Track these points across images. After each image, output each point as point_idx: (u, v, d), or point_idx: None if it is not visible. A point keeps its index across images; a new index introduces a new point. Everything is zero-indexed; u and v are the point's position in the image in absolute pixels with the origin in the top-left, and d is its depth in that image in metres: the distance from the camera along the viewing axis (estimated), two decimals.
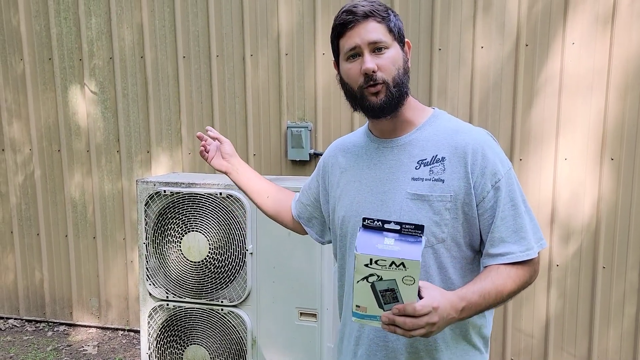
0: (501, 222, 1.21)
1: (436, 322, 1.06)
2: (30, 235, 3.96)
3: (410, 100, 1.32)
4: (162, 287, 2.77)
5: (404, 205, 1.25)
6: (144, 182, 2.76)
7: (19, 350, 3.64)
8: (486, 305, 1.16)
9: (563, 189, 3.01)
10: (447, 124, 1.32)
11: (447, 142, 1.26)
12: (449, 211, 1.22)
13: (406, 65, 1.29)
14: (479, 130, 1.29)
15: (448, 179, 1.23)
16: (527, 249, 1.21)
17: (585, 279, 3.04)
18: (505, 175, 1.22)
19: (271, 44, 3.36)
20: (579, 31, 2.90)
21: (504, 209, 1.21)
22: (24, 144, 3.88)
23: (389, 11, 1.27)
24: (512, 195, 1.22)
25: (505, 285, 1.18)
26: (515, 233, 1.21)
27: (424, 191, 1.24)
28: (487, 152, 1.23)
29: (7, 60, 3.82)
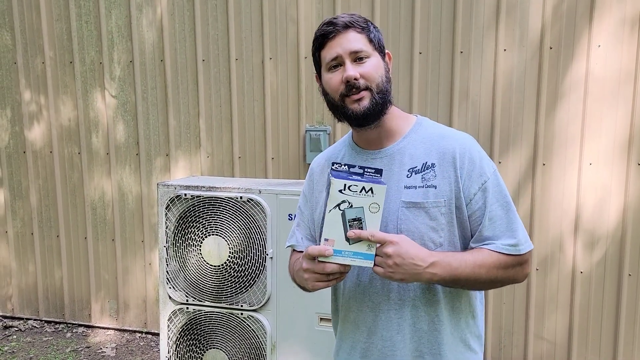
0: (489, 222, 1.24)
1: (393, 258, 1.13)
2: (50, 237, 4.00)
3: (394, 110, 1.34)
4: (182, 290, 2.77)
5: (400, 214, 1.26)
6: (164, 185, 2.76)
7: (39, 351, 3.67)
8: (461, 272, 1.19)
9: (588, 195, 2.95)
10: (432, 130, 1.33)
11: (434, 149, 1.28)
12: (444, 216, 1.25)
13: (388, 74, 1.31)
14: (463, 135, 1.32)
15: (440, 185, 1.25)
16: (517, 244, 1.24)
17: (610, 287, 2.97)
18: (491, 176, 1.26)
19: (290, 47, 3.35)
20: (605, 33, 2.84)
21: (491, 209, 1.24)
22: (44, 146, 3.91)
23: (368, 23, 1.30)
24: (500, 196, 1.26)
25: (484, 263, 1.21)
26: (505, 231, 1.24)
27: (418, 198, 1.25)
28: (474, 155, 1.26)
29: (29, 63, 3.86)
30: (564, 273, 3.04)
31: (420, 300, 1.27)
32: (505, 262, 1.23)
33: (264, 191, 2.62)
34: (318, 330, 2.61)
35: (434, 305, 1.28)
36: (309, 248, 1.19)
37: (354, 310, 1.36)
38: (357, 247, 1.15)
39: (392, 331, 1.30)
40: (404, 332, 1.29)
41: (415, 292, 1.27)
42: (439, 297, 1.28)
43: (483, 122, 3.06)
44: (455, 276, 1.19)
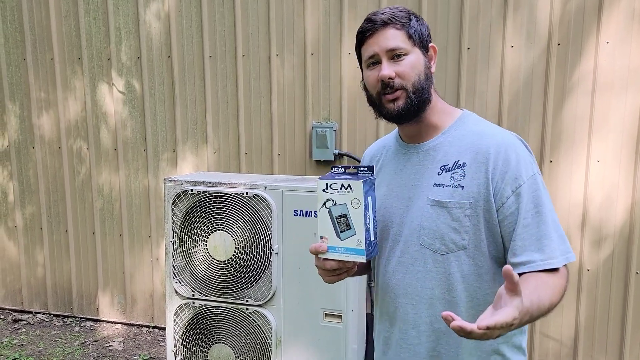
0: (523, 229, 1.16)
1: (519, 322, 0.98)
2: (58, 232, 4.04)
3: (437, 104, 1.31)
4: (189, 285, 2.79)
5: (425, 211, 1.24)
6: (171, 181, 2.78)
7: (47, 345, 3.71)
8: (538, 315, 1.07)
9: (595, 192, 2.93)
10: (473, 127, 1.28)
11: (470, 147, 1.23)
12: (469, 218, 1.20)
13: (428, 71, 1.27)
14: (505, 134, 1.25)
15: (467, 185, 1.20)
16: (550, 258, 1.14)
17: (617, 285, 2.96)
18: (528, 180, 1.17)
19: (297, 44, 3.36)
20: (613, 29, 2.82)
21: (526, 217, 1.16)
22: (53, 141, 3.95)
23: (411, 17, 1.27)
24: (537, 202, 1.17)
25: (554, 296, 1.10)
26: (538, 241, 1.15)
27: (443, 198, 1.22)
28: (510, 156, 1.19)
29: (38, 60, 3.89)
30: (571, 270, 3.01)
31: (438, 300, 1.25)
32: (558, 279, 1.14)
33: (269, 187, 2.63)
34: (323, 325, 2.62)
35: (453, 307, 1.24)
36: (310, 246, 1.21)
37: (380, 298, 1.39)
38: (347, 243, 1.18)
39: (408, 325, 1.30)
40: (419, 329, 1.28)
41: (433, 291, 1.25)
42: (458, 300, 1.23)
43: (490, 119, 3.02)
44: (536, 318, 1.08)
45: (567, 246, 1.18)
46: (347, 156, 3.32)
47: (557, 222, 1.19)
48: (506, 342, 1.26)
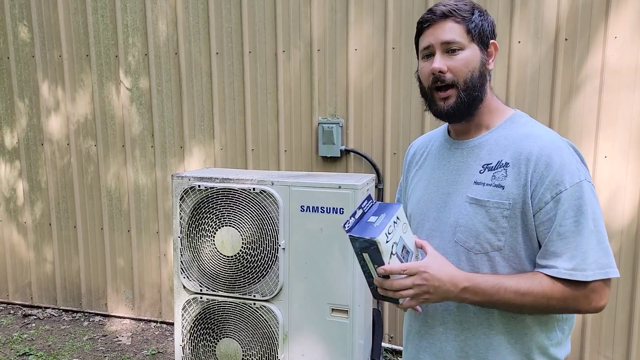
0: (557, 237, 1.13)
1: (423, 286, 1.11)
2: (67, 228, 4.07)
3: (490, 103, 1.28)
4: (196, 280, 2.81)
5: (462, 208, 1.23)
6: (179, 177, 2.80)
7: (57, 339, 3.75)
8: (498, 299, 1.13)
9: (602, 188, 2.92)
10: (521, 128, 1.24)
11: (514, 148, 1.20)
12: (507, 219, 1.17)
13: (484, 68, 1.24)
14: (552, 137, 1.19)
15: (508, 186, 1.18)
16: (574, 269, 1.11)
17: (625, 282, 2.95)
18: (572, 187, 1.12)
19: (303, 40, 3.36)
20: (622, 24, 2.80)
21: (562, 224, 1.12)
22: (62, 138, 3.98)
23: (474, 11, 1.24)
24: (578, 211, 1.12)
25: (529, 291, 1.13)
26: (570, 250, 1.12)
27: (483, 196, 1.20)
28: (553, 160, 1.14)
29: (47, 57, 3.92)
30: None
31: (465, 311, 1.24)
32: (562, 290, 1.12)
33: (276, 183, 2.64)
34: (330, 320, 2.64)
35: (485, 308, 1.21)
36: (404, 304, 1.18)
37: None
38: None
39: (436, 321, 1.29)
40: (447, 325, 1.27)
41: None
42: None
43: None
44: (491, 302, 1.15)
45: (607, 261, 1.13)
46: (353, 152, 3.33)
47: (601, 235, 1.14)
48: (541, 351, 1.23)
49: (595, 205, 1.15)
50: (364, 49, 3.25)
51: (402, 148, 3.26)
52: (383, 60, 3.22)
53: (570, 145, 1.21)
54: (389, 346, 3.44)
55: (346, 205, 2.54)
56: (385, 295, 1.16)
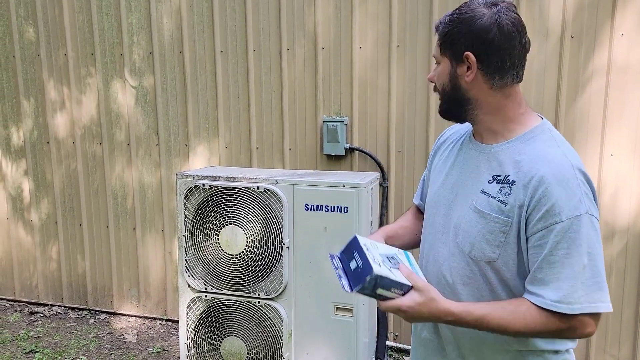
0: (547, 265, 1.13)
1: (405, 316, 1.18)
2: (73, 226, 4.09)
3: (503, 111, 1.26)
4: (201, 278, 2.82)
5: (466, 214, 1.27)
6: (183, 175, 2.80)
7: (63, 337, 3.77)
8: (482, 327, 1.17)
9: (608, 186, 2.90)
10: (538, 145, 1.21)
11: (525, 166, 1.18)
12: (504, 235, 1.19)
13: (455, 81, 1.25)
14: (562, 164, 1.15)
15: (510, 204, 1.18)
16: (560, 302, 1.11)
17: (631, 279, 2.93)
18: (569, 220, 1.11)
19: (308, 38, 3.36)
20: (628, 22, 2.78)
21: (553, 254, 1.12)
22: (67, 136, 4.00)
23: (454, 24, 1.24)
24: (572, 244, 1.11)
25: (511, 323, 1.15)
26: (558, 281, 1.12)
27: (486, 208, 1.22)
28: (554, 189, 1.12)
29: (52, 55, 3.94)
30: None
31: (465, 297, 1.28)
32: (546, 320, 1.13)
33: (280, 181, 2.64)
34: (334, 319, 2.64)
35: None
36: None
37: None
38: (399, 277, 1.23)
39: None
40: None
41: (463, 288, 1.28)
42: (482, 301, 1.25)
43: None
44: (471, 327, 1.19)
45: (597, 295, 1.13)
46: (358, 150, 3.32)
47: (596, 270, 1.13)
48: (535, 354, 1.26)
49: (594, 240, 1.13)
50: (368, 47, 3.24)
51: (406, 146, 3.25)
52: (388, 58, 3.21)
53: (583, 175, 1.17)
54: (393, 345, 3.43)
55: (350, 204, 2.54)
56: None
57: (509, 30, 1.19)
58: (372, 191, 2.77)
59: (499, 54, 1.20)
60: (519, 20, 1.21)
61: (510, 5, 1.22)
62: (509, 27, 1.19)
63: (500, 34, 1.18)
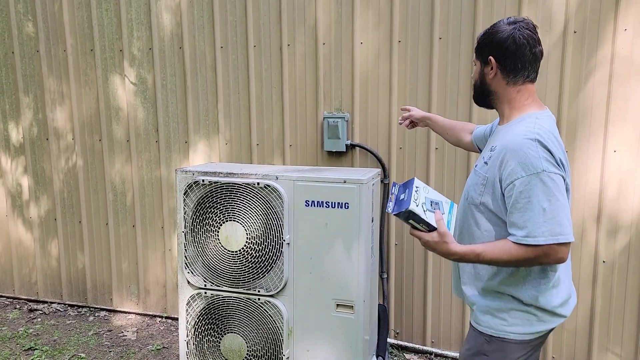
0: (515, 210, 1.57)
1: (423, 245, 1.68)
2: (72, 223, 4.08)
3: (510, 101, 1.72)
4: (200, 275, 2.80)
5: (472, 172, 1.79)
6: (182, 171, 2.78)
7: (62, 334, 3.76)
8: (479, 261, 1.62)
9: (611, 183, 2.88)
10: (519, 126, 1.64)
11: (503, 140, 1.65)
12: (484, 186, 1.67)
13: (484, 78, 1.75)
14: (524, 136, 1.58)
15: (490, 165, 1.66)
16: (527, 236, 1.53)
17: (634, 277, 2.91)
18: (528, 176, 1.53)
19: (308, 34, 3.33)
20: (632, 17, 2.76)
21: (518, 201, 1.55)
22: (66, 133, 3.98)
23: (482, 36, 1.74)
24: (530, 194, 1.53)
25: (500, 256, 1.58)
26: (523, 222, 1.54)
27: (479, 167, 1.73)
28: (517, 154, 1.56)
29: (51, 51, 3.92)
30: (585, 262, 2.99)
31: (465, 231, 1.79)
32: (524, 252, 1.55)
33: (281, 177, 2.62)
34: (335, 316, 2.62)
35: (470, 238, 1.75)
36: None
37: None
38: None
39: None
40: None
41: (462, 225, 1.80)
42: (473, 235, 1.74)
43: None
44: (473, 261, 1.65)
45: (558, 229, 1.52)
46: (359, 147, 3.30)
47: (556, 212, 1.52)
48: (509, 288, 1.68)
49: (553, 190, 1.52)
50: (369, 42, 3.22)
51: (407, 142, 3.23)
52: (389, 53, 3.19)
53: (540, 144, 1.55)
54: (394, 342, 3.42)
55: (351, 200, 2.52)
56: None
57: (521, 42, 1.64)
58: (373, 187, 2.75)
59: (513, 59, 1.66)
60: (530, 35, 1.65)
61: (526, 23, 1.66)
62: (521, 40, 1.64)
63: (514, 44, 1.64)
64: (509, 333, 1.68)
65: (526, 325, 1.68)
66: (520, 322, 1.68)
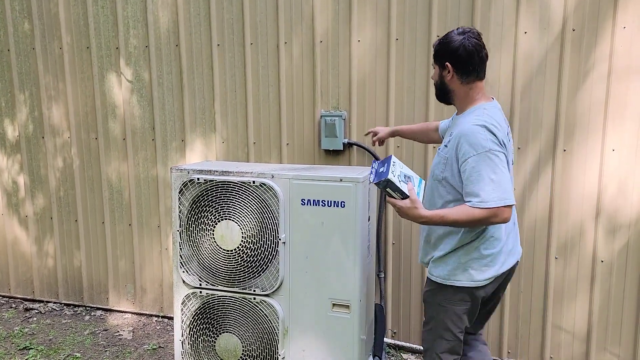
0: (469, 182, 1.95)
1: (398, 212, 2.04)
2: (68, 222, 4.05)
3: (463, 97, 2.13)
4: (196, 274, 2.78)
5: (436, 155, 2.20)
6: (178, 169, 2.76)
7: (58, 333, 3.74)
8: (443, 222, 1.98)
9: (610, 182, 2.86)
10: (469, 116, 2.06)
11: (457, 127, 2.06)
12: (444, 165, 2.08)
13: (442, 79, 2.15)
14: (473, 123, 1.99)
15: (449, 148, 2.07)
16: (481, 201, 1.92)
17: (632, 276, 2.89)
18: (477, 155, 1.93)
19: (305, 32, 3.31)
20: (630, 14, 2.74)
21: (471, 174, 1.94)
22: (63, 131, 3.96)
23: (437, 44, 2.14)
24: (480, 168, 1.92)
25: (460, 217, 1.95)
26: (476, 191, 1.93)
27: (440, 150, 2.15)
28: (467, 138, 1.97)
29: (47, 49, 3.89)
30: (584, 261, 2.97)
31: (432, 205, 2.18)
32: (479, 213, 1.92)
33: (276, 176, 2.60)
34: (331, 315, 2.60)
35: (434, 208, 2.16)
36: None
37: None
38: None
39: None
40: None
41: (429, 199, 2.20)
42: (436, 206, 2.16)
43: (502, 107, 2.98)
44: (440, 223, 2.01)
45: (504, 195, 1.91)
46: (356, 145, 3.28)
47: (501, 181, 1.91)
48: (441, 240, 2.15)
49: (498, 166, 1.92)
50: (367, 40, 3.20)
51: (405, 141, 3.20)
52: (386, 51, 3.17)
53: (486, 129, 1.95)
54: (392, 341, 3.40)
55: (347, 199, 2.50)
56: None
57: (470, 50, 2.04)
58: (369, 186, 2.73)
59: (465, 63, 2.06)
60: (477, 43, 2.05)
61: (473, 33, 2.05)
62: (471, 47, 2.04)
63: (465, 52, 2.04)
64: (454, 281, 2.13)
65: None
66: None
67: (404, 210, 1.98)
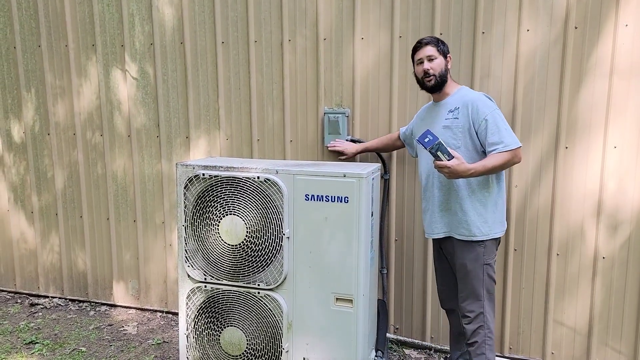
0: (491, 134, 2.44)
1: (450, 173, 2.40)
2: (73, 218, 4.09)
3: (451, 83, 2.65)
4: (200, 269, 2.81)
5: (440, 131, 2.57)
6: (183, 165, 2.79)
7: (63, 328, 3.77)
8: (485, 170, 2.42)
9: (611, 179, 2.88)
10: (463, 91, 2.61)
11: (461, 101, 2.55)
12: (461, 132, 2.52)
13: (445, 67, 2.60)
14: (475, 95, 2.55)
15: (460, 118, 2.53)
16: (506, 146, 2.41)
17: (633, 272, 2.91)
18: (490, 114, 2.46)
19: (309, 29, 3.34)
20: (632, 12, 2.75)
21: (491, 128, 2.44)
22: (68, 127, 3.99)
23: (439, 41, 2.61)
24: (496, 122, 2.44)
25: (496, 163, 2.42)
26: (499, 139, 2.42)
27: (448, 123, 2.57)
28: (479, 104, 2.49)
29: (53, 47, 3.93)
30: (585, 258, 2.99)
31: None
32: (505, 156, 2.41)
33: (281, 171, 2.63)
34: (334, 310, 2.62)
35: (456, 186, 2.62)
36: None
37: None
38: None
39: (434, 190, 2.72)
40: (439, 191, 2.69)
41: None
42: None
43: (504, 104, 3.01)
44: (482, 174, 2.44)
45: (516, 139, 2.44)
46: (359, 142, 3.30)
47: (510, 130, 2.46)
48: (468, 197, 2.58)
49: (504, 118, 2.49)
50: (370, 38, 3.22)
51: None
52: (390, 49, 3.19)
53: (485, 95, 2.55)
54: (394, 337, 3.42)
55: (351, 194, 2.52)
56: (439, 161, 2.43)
57: None
58: (373, 181, 2.75)
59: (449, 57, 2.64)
60: None
61: None
62: None
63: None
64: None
65: None
66: None
67: (455, 167, 2.35)
